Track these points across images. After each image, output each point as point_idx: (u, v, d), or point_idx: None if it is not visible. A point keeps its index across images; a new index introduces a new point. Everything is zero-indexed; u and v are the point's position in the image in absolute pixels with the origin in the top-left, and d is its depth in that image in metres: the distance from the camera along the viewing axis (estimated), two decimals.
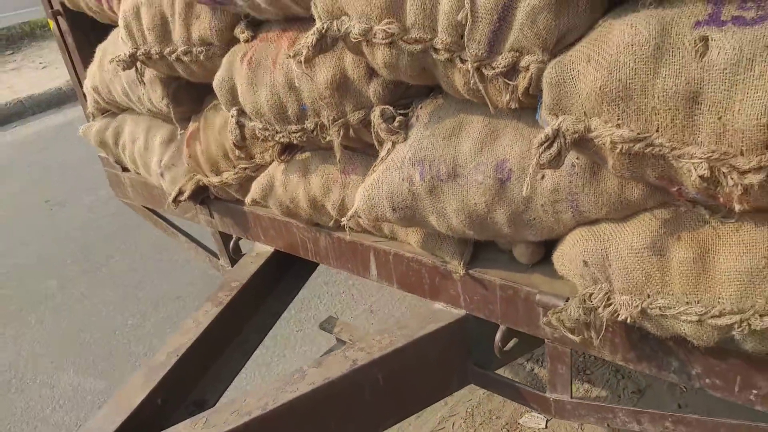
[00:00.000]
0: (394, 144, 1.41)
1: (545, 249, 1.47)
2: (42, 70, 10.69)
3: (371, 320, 3.63)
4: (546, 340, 1.51)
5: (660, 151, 0.95)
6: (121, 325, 3.94)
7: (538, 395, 1.63)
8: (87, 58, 2.39)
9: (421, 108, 1.40)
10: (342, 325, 2.13)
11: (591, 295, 1.24)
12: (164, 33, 1.71)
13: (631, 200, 1.16)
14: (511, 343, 1.68)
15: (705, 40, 0.88)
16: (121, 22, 1.80)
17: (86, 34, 2.39)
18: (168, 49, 1.72)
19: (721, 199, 0.97)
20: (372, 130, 1.43)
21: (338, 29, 1.22)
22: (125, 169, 2.65)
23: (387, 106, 1.40)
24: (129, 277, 4.43)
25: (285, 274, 2.29)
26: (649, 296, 1.15)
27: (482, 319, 1.64)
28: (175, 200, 2.13)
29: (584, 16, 1.04)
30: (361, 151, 1.61)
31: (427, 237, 1.58)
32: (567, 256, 1.29)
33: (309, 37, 1.25)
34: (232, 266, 2.42)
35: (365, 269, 1.83)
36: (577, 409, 1.58)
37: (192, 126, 2.00)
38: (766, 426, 1.28)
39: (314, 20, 1.29)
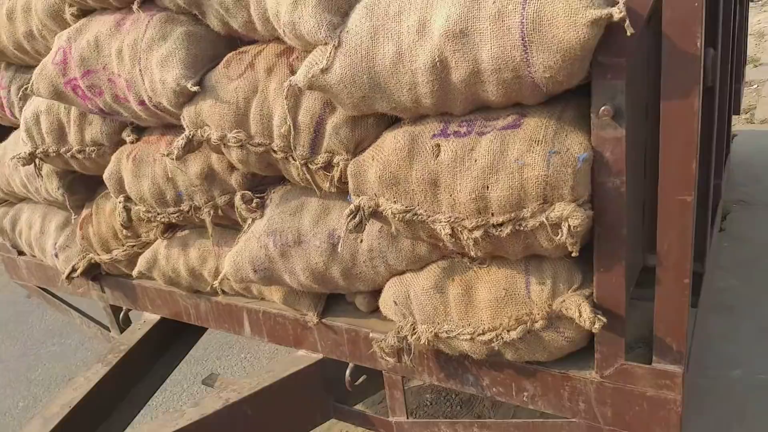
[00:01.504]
0: (253, 220, 1.81)
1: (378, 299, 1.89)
2: None
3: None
4: (383, 372, 1.91)
5: (421, 218, 1.41)
6: (11, 408, 3.97)
7: (383, 420, 2.02)
8: None
9: (273, 192, 1.82)
10: (222, 380, 2.41)
11: (402, 327, 1.66)
12: (61, 135, 2.06)
13: (420, 255, 1.61)
14: (361, 380, 2.07)
15: (438, 146, 1.36)
16: (22, 126, 2.14)
17: None
18: (64, 149, 2.07)
19: (466, 250, 1.43)
20: (236, 210, 1.83)
21: (201, 135, 1.64)
22: (21, 253, 2.89)
23: (247, 192, 1.80)
24: (21, 360, 4.46)
25: (173, 340, 2.58)
26: (438, 324, 1.59)
27: (338, 362, 2.02)
28: (68, 277, 2.41)
29: (372, 130, 1.50)
30: (230, 226, 2.00)
31: (288, 294, 1.96)
32: (385, 300, 1.72)
33: (179, 141, 1.66)
34: None
35: (240, 327, 2.18)
36: (412, 428, 1.97)
37: (85, 212, 2.32)
38: (538, 420, 1.73)
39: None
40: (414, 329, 1.64)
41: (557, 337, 1.48)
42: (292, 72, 1.52)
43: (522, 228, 1.30)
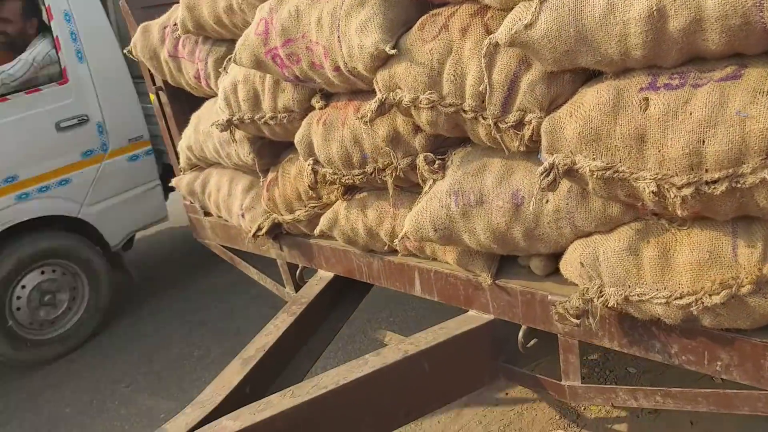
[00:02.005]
0: (434, 181, 1.84)
1: (556, 263, 1.86)
2: None
3: None
4: (558, 335, 1.88)
5: (623, 176, 1.35)
6: (187, 356, 4.36)
7: (555, 383, 1.99)
8: (181, 124, 2.92)
9: (455, 154, 1.83)
10: (392, 336, 2.51)
11: (588, 289, 1.62)
12: (256, 103, 2.20)
13: (612, 216, 1.55)
14: (532, 342, 2.05)
15: (646, 99, 1.29)
16: (220, 95, 2.30)
17: (181, 104, 2.92)
18: (258, 116, 2.21)
19: (670, 209, 1.36)
20: (418, 171, 1.86)
21: (393, 98, 1.68)
22: (206, 215, 3.14)
23: (429, 153, 1.83)
24: (194, 314, 4.88)
25: (343, 297, 2.70)
26: (629, 287, 1.52)
27: (509, 323, 2.01)
28: (255, 235, 2.59)
29: (568, 86, 1.46)
30: (407, 189, 2.04)
31: (462, 255, 1.98)
32: (569, 261, 1.68)
33: (372, 104, 1.71)
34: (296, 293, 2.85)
35: (411, 286, 2.23)
36: (586, 393, 1.92)
37: (271, 175, 2.47)
38: (730, 391, 1.62)
39: (374, 92, 1.75)
40: (601, 292, 1.59)
41: (765, 303, 1.37)
42: (488, 31, 1.51)
43: (739, 185, 1.21)
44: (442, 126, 1.68)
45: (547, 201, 1.64)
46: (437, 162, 1.83)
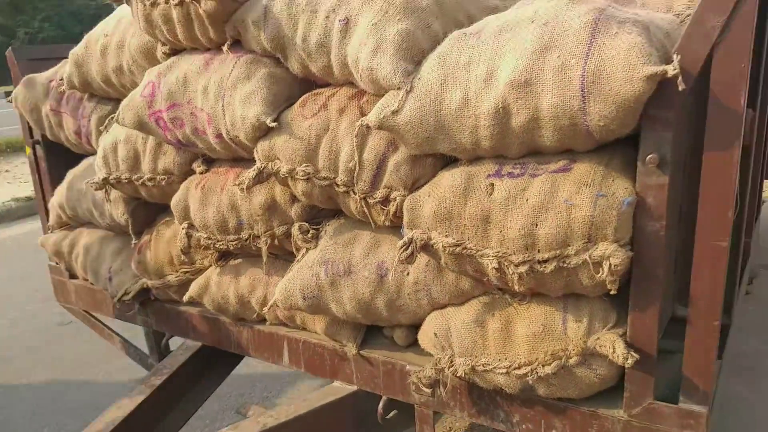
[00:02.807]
0: (307, 250, 1.90)
1: (417, 334, 1.94)
2: None
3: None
4: (415, 405, 1.93)
5: (470, 252, 1.49)
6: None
7: None
8: (55, 180, 2.81)
9: (328, 225, 1.91)
10: (255, 409, 2.43)
11: (440, 359, 1.71)
12: (135, 163, 2.19)
13: (464, 289, 1.67)
14: (392, 414, 2.09)
15: (492, 185, 1.46)
16: (99, 153, 2.27)
17: (58, 159, 2.82)
18: (136, 176, 2.19)
19: (510, 285, 1.50)
20: (292, 240, 1.92)
21: (272, 168, 1.75)
22: (72, 277, 2.97)
23: (304, 223, 1.90)
24: (48, 388, 4.47)
25: (210, 368, 2.62)
26: (476, 357, 1.63)
27: (370, 395, 2.05)
28: (120, 299, 2.49)
29: (429, 168, 1.61)
30: (282, 257, 2.08)
31: (329, 324, 2.02)
32: (425, 332, 1.77)
33: (251, 172, 1.77)
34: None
35: (279, 356, 2.22)
36: None
37: (144, 237, 2.42)
38: None
39: (254, 161, 1.82)
40: (452, 361, 1.69)
41: (589, 373, 1.52)
42: (362, 114, 1.65)
43: (565, 265, 1.38)
44: (316, 197, 1.77)
45: (408, 273, 1.74)
46: (311, 231, 1.90)
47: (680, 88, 1.14)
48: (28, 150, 2.88)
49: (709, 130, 1.22)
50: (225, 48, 1.80)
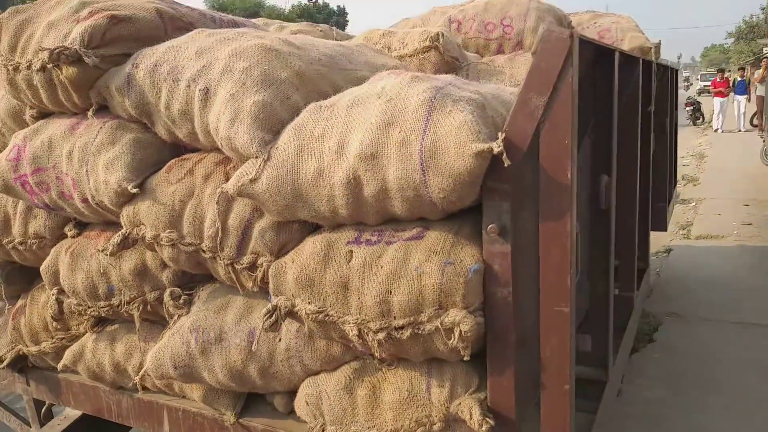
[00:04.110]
0: (179, 316, 1.82)
1: None
2: None
3: None
4: None
5: (333, 319, 1.46)
6: None
7: None
8: None
9: (202, 290, 1.85)
10: None
11: (312, 428, 1.66)
12: (6, 227, 2.07)
13: (335, 355, 1.64)
14: None
15: (351, 252, 1.45)
16: None
17: None
18: (6, 240, 2.07)
19: (372, 350, 1.48)
20: (164, 306, 1.84)
21: (137, 233, 1.69)
22: None
23: (176, 288, 1.83)
24: None
25: None
26: (345, 425, 1.59)
27: None
28: None
29: (296, 234, 1.59)
30: (159, 322, 1.99)
31: (208, 392, 1.93)
32: (299, 400, 1.72)
33: (115, 238, 1.70)
34: None
35: (159, 425, 2.10)
36: None
37: (20, 302, 2.28)
38: None
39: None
40: (323, 430, 1.64)
41: None
42: (227, 180, 1.61)
43: (420, 331, 1.37)
44: (184, 263, 1.71)
45: (280, 340, 1.69)
46: (183, 297, 1.83)
47: (506, 164, 1.17)
48: None
49: (543, 202, 1.26)
50: (90, 113, 1.75)
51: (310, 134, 1.42)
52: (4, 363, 2.31)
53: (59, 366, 2.16)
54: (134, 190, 1.63)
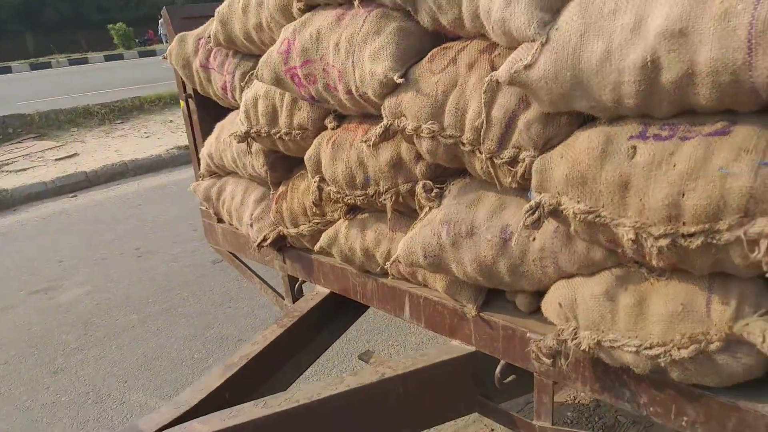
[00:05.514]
0: (430, 209, 1.82)
1: (541, 301, 1.81)
2: (145, 139, 11.79)
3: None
4: (534, 374, 1.82)
5: (604, 221, 1.32)
6: (188, 358, 4.34)
7: (527, 422, 1.92)
8: (206, 131, 2.95)
9: (453, 184, 1.81)
10: (377, 358, 2.45)
11: (563, 330, 1.57)
12: (273, 118, 2.22)
13: (595, 260, 1.51)
14: (509, 379, 2.00)
15: (634, 147, 1.27)
16: (242, 107, 2.33)
17: (208, 113, 2.95)
18: (274, 130, 2.22)
19: (647, 258, 1.32)
20: (416, 197, 1.85)
21: (398, 126, 1.68)
22: (220, 221, 3.15)
23: (428, 181, 1.82)
24: (200, 318, 4.87)
25: (338, 314, 2.67)
26: (602, 332, 1.48)
27: (489, 357, 1.96)
28: (259, 245, 2.58)
29: (564, 128, 1.45)
30: (407, 214, 2.02)
31: (450, 284, 1.95)
32: (549, 301, 1.64)
33: (377, 129, 1.71)
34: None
35: (400, 310, 2.19)
36: None
37: (282, 188, 2.48)
38: None
39: (383, 117, 1.75)
40: (576, 334, 1.55)
41: (733, 362, 1.31)
42: (493, 68, 1.51)
43: (715, 241, 1.18)
44: (441, 156, 1.68)
45: (534, 239, 1.61)
46: (435, 190, 1.81)
47: None
48: (182, 103, 3.03)
49: None
50: (356, 2, 1.73)
51: (598, 11, 1.23)
52: (268, 241, 2.56)
53: (315, 248, 2.33)
54: (400, 80, 1.60)
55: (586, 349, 1.51)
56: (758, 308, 1.27)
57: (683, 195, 1.19)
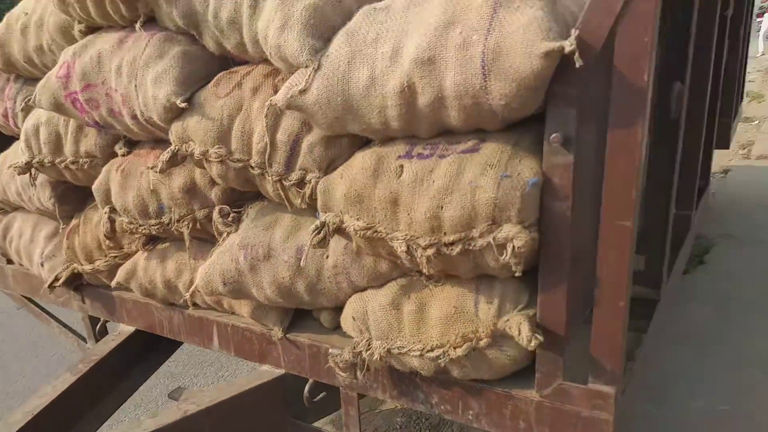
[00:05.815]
0: (228, 234, 1.79)
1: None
2: None
3: None
4: (341, 388, 1.86)
5: (381, 236, 1.40)
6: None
7: None
8: None
9: (250, 207, 1.80)
10: (188, 394, 2.32)
11: (358, 342, 1.63)
12: (57, 146, 2.05)
13: (381, 272, 1.59)
14: (319, 396, 2.01)
15: (401, 166, 1.37)
16: (22, 136, 2.13)
17: None
18: (59, 159, 2.06)
19: (421, 267, 1.42)
20: (213, 223, 1.81)
21: (186, 150, 1.64)
22: (9, 262, 2.81)
23: (225, 206, 1.79)
24: (5, 369, 4.30)
25: (149, 351, 2.50)
26: (391, 340, 1.56)
27: (299, 377, 1.96)
28: (51, 285, 2.35)
29: (345, 149, 1.52)
30: (208, 240, 1.97)
31: (256, 308, 1.92)
32: (345, 315, 1.69)
33: (164, 155, 1.66)
34: None
35: (209, 341, 2.12)
36: None
37: (73, 222, 2.28)
38: None
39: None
40: (369, 345, 1.61)
41: (500, 355, 1.46)
42: (276, 92, 1.54)
43: (471, 247, 1.30)
44: (233, 180, 1.67)
45: (327, 257, 1.65)
46: (232, 215, 1.79)
47: (577, 65, 1.06)
48: None
49: (613, 106, 1.15)
50: (138, 26, 1.68)
51: (363, 39, 1.32)
52: (60, 281, 2.34)
53: (112, 283, 2.18)
54: (183, 105, 1.57)
55: (379, 359, 1.57)
56: (518, 304, 1.43)
57: (442, 208, 1.30)
